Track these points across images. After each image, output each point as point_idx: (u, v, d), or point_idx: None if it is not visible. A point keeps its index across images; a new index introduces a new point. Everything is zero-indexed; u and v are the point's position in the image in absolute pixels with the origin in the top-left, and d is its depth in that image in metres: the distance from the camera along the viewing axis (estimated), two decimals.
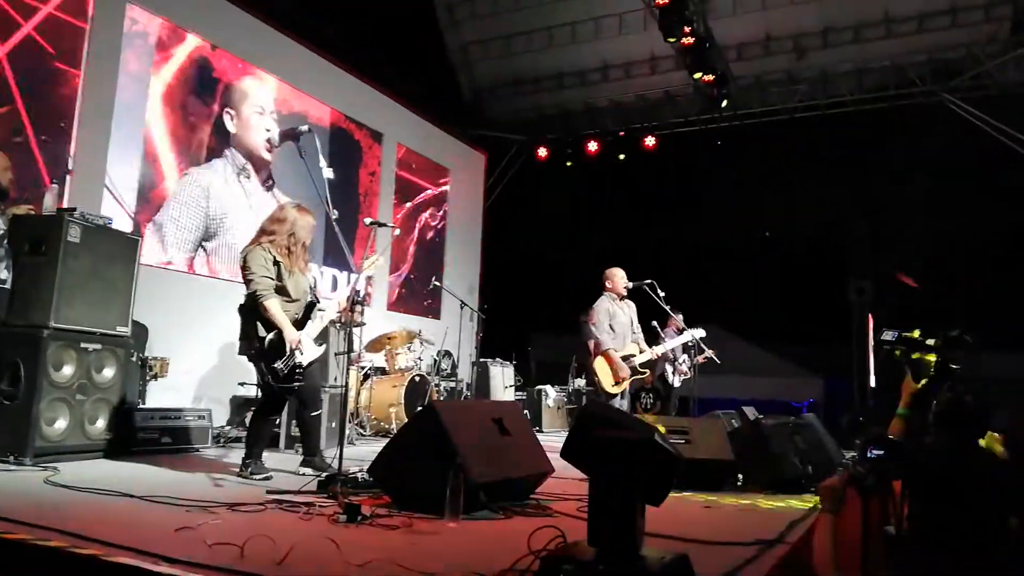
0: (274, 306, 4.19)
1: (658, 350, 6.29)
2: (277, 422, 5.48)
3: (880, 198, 10.26)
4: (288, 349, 4.20)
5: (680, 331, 7.26)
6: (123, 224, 6.09)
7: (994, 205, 9.24)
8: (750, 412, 6.70)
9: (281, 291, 4.28)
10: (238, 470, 4.28)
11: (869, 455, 2.47)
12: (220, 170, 7.45)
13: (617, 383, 5.95)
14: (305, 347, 4.28)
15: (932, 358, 2.79)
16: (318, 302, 4.53)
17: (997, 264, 9.28)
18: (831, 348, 10.00)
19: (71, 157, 6.08)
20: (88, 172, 6.21)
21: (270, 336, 4.20)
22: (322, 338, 4.49)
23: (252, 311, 4.24)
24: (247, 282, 4.23)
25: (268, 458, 4.44)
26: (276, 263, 4.28)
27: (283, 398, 4.44)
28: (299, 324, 4.34)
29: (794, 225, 10.87)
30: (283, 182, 8.14)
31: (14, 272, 4.56)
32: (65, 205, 5.41)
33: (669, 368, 8.22)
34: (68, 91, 6.10)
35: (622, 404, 6.01)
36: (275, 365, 4.18)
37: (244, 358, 4.42)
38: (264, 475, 4.19)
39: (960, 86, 9.80)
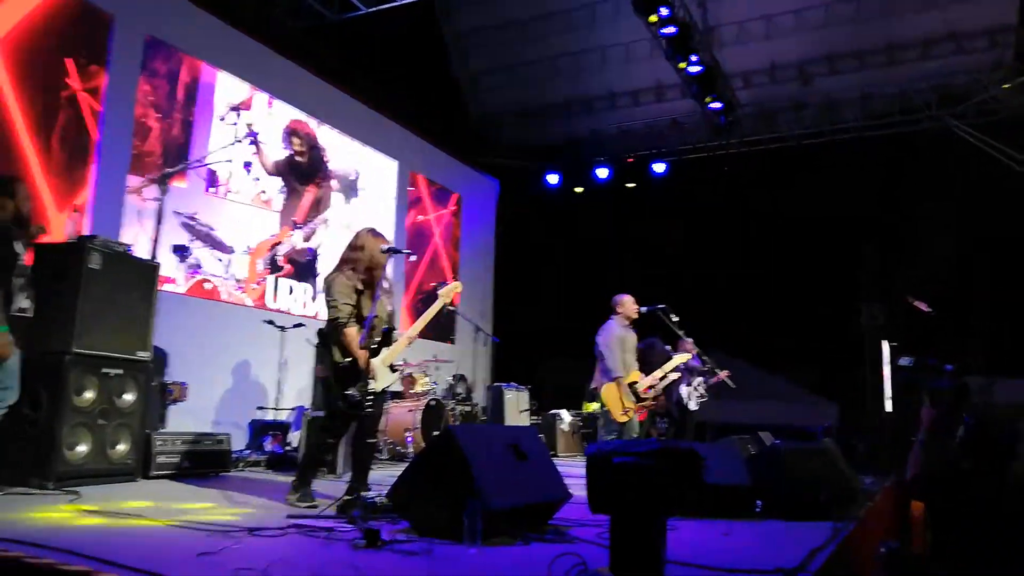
0: (351, 334, 4.18)
1: (657, 374, 6.25)
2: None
3: (889, 223, 10.25)
4: (362, 376, 4.19)
5: (693, 356, 7.22)
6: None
7: (1003, 229, 9.23)
8: (766, 437, 6.66)
9: (361, 319, 4.27)
10: (287, 493, 4.25)
11: None
12: None
13: (625, 412, 5.97)
14: (379, 374, 4.27)
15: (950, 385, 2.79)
16: (395, 329, 4.51)
17: (1008, 289, 9.24)
18: (845, 373, 9.93)
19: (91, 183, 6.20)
20: (107, 199, 6.33)
21: (346, 362, 4.20)
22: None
23: (331, 336, 4.27)
24: (329, 308, 4.25)
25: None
26: (358, 291, 4.29)
27: (348, 424, 4.44)
28: (375, 350, 4.31)
29: (805, 251, 10.84)
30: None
31: (37, 299, 4.61)
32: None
33: (685, 392, 8.14)
34: (88, 120, 6.24)
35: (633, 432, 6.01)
36: (348, 391, 4.16)
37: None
38: (310, 504, 4.15)
39: (966, 111, 9.84)
